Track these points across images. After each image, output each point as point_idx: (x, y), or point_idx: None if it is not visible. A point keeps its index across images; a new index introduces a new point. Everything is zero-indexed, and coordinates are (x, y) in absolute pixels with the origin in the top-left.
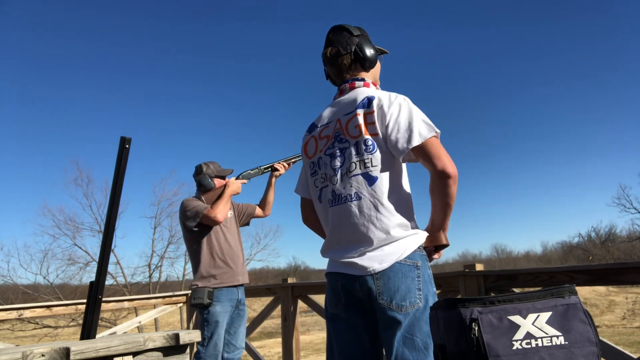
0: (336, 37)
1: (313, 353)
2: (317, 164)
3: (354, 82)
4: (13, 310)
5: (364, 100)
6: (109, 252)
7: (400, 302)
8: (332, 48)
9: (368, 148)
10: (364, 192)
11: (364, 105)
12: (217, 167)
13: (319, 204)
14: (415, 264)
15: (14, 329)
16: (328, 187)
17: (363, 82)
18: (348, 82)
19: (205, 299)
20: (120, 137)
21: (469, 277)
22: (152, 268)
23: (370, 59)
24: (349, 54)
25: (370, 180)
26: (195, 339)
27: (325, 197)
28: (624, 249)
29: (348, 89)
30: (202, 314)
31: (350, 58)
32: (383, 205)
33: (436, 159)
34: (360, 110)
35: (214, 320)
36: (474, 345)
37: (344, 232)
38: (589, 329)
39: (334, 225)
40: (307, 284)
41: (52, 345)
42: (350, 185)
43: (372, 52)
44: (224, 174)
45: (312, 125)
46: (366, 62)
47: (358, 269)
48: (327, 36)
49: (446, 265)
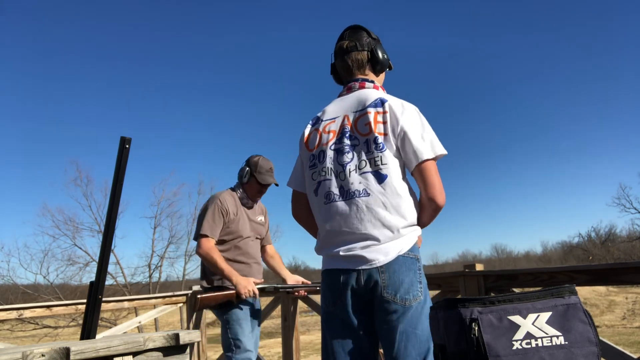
0: (354, 34)
1: (313, 353)
2: (318, 157)
3: (365, 82)
4: (13, 310)
5: (377, 101)
6: (109, 252)
7: (404, 296)
8: (350, 42)
9: (378, 146)
10: (373, 189)
11: (376, 105)
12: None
13: (315, 197)
14: (416, 257)
15: (14, 329)
16: (329, 182)
17: (373, 84)
18: (358, 80)
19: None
20: (120, 137)
21: (469, 277)
22: (152, 268)
23: (382, 63)
24: (365, 52)
25: (380, 178)
26: (195, 339)
27: (322, 191)
28: (624, 249)
29: (357, 88)
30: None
31: (367, 57)
32: (391, 203)
33: (430, 186)
34: (371, 109)
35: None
36: (474, 345)
37: (349, 227)
38: (589, 329)
39: (337, 220)
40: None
41: (52, 345)
42: (359, 181)
43: (385, 58)
44: (265, 182)
45: (316, 118)
46: (378, 64)
47: (363, 262)
48: (343, 33)
49: (446, 265)
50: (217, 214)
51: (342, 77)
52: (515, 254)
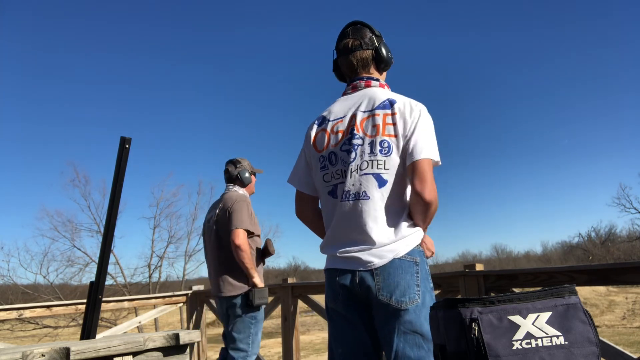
0: (357, 32)
1: (313, 353)
2: (329, 158)
3: (370, 81)
4: (13, 310)
5: (386, 102)
6: (109, 252)
7: (400, 298)
8: (355, 40)
9: (383, 150)
10: (374, 192)
11: (385, 107)
12: (249, 163)
13: (332, 199)
14: (414, 260)
15: (14, 329)
16: (342, 184)
17: (379, 83)
18: (363, 79)
19: (267, 298)
20: (120, 137)
21: (469, 277)
22: (151, 268)
23: (387, 61)
24: (370, 50)
25: (380, 182)
26: (195, 339)
27: (338, 193)
28: (624, 249)
29: (363, 86)
30: (250, 311)
31: (371, 55)
32: (390, 208)
33: (420, 180)
34: (380, 110)
35: (261, 318)
36: (474, 345)
37: (348, 229)
38: (589, 329)
39: (338, 221)
40: (307, 284)
41: (52, 345)
42: (360, 183)
43: (389, 56)
44: (257, 172)
45: (322, 118)
46: (382, 63)
47: (358, 264)
48: (345, 29)
49: (446, 265)
50: (251, 213)
51: (345, 75)
52: (515, 254)
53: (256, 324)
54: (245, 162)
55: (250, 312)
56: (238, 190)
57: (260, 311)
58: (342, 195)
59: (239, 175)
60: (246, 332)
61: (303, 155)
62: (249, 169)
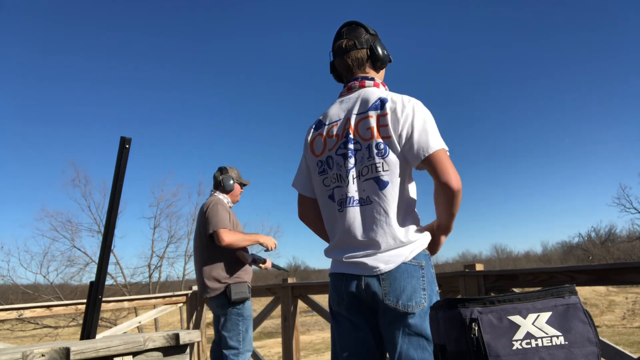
0: (352, 32)
1: (313, 353)
2: (326, 162)
3: (364, 81)
4: (13, 310)
5: (377, 102)
6: (109, 252)
7: (407, 302)
8: (349, 40)
9: (380, 152)
10: (375, 196)
11: (376, 107)
12: (238, 173)
13: (331, 202)
14: (420, 264)
15: (14, 329)
16: (340, 188)
17: (373, 82)
18: (358, 79)
19: (247, 293)
20: (120, 137)
21: (469, 277)
22: (151, 268)
23: (382, 60)
24: (365, 49)
25: (381, 184)
26: (195, 339)
27: (337, 197)
28: (624, 249)
29: (357, 87)
30: (235, 308)
31: (367, 54)
32: (392, 210)
33: (442, 172)
34: (372, 112)
35: (249, 315)
36: (474, 345)
37: (353, 235)
38: (589, 329)
39: (343, 227)
40: (307, 284)
41: (52, 345)
42: (363, 189)
43: (385, 54)
44: (244, 183)
45: (318, 122)
46: (378, 61)
47: (364, 269)
48: (340, 30)
49: (446, 265)
50: (230, 214)
51: (342, 76)
52: (515, 254)
53: (244, 321)
54: (233, 172)
55: (235, 309)
56: (218, 195)
57: (246, 308)
58: (345, 200)
59: (222, 182)
60: (235, 329)
61: (304, 160)
62: (235, 178)
